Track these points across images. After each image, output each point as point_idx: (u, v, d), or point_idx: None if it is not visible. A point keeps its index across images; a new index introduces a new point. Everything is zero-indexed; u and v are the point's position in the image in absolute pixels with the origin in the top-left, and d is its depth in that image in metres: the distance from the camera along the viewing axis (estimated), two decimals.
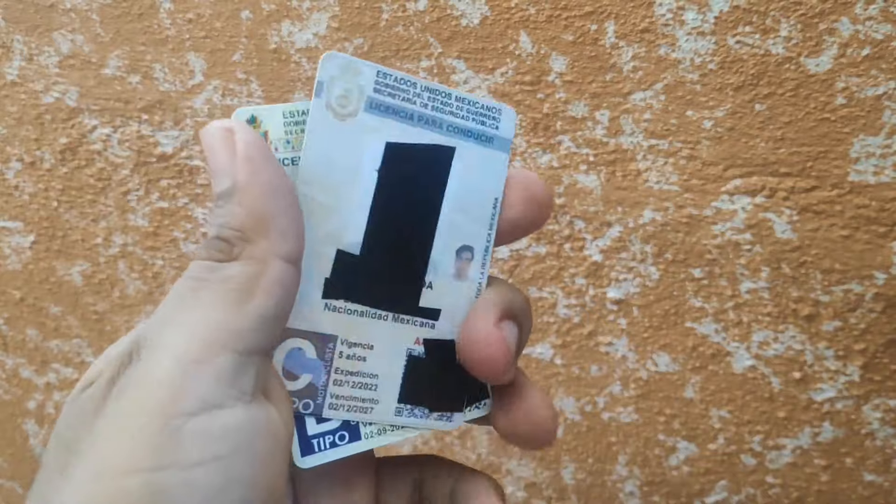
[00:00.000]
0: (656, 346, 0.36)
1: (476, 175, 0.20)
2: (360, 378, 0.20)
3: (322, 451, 0.19)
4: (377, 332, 0.20)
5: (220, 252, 0.18)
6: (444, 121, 0.20)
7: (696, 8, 0.29)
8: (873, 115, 0.29)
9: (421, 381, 0.20)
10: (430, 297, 0.20)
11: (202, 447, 0.15)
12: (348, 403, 0.20)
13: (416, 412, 0.20)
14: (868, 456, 0.35)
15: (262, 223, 0.18)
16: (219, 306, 0.16)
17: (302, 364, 0.19)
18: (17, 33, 0.40)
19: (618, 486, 0.40)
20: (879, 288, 0.32)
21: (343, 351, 0.20)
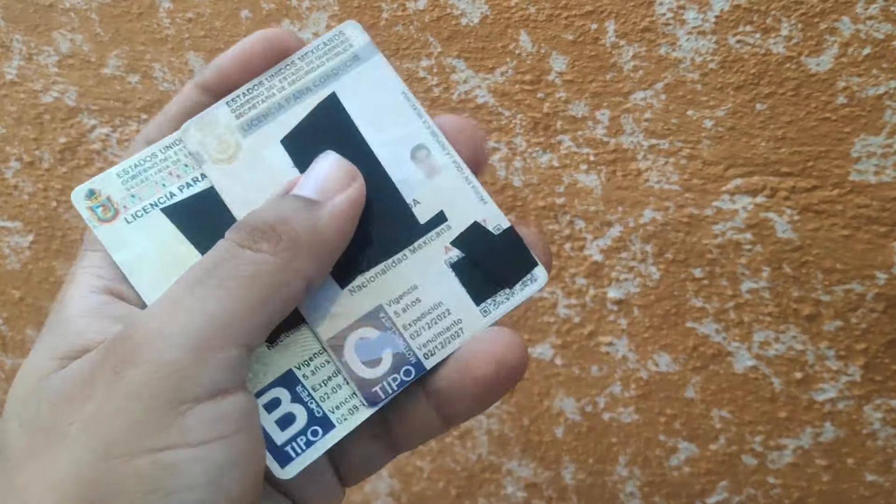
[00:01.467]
0: (657, 347, 0.36)
1: (370, 93, 0.20)
2: (429, 316, 0.20)
3: (300, 454, 0.19)
4: (408, 272, 0.20)
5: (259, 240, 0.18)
6: (305, 83, 0.20)
7: (697, 7, 0.29)
8: (874, 114, 0.29)
9: (481, 275, 0.20)
10: (425, 209, 0.20)
11: (209, 429, 0.16)
12: (438, 340, 0.20)
13: (500, 298, 0.20)
14: (869, 456, 0.35)
15: (320, 244, 0.18)
16: (238, 298, 0.17)
17: (374, 346, 0.19)
18: (16, 33, 0.40)
19: (618, 487, 0.40)
20: (881, 288, 0.32)
21: (396, 310, 0.19)
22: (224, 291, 0.17)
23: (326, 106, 0.20)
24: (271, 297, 0.17)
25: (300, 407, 0.19)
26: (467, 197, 0.20)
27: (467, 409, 0.21)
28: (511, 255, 0.20)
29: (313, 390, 0.19)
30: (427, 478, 0.44)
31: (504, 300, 0.20)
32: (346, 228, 0.19)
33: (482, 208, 0.20)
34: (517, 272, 0.20)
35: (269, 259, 0.17)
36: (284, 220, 0.18)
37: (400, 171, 0.20)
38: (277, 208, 0.18)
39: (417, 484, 0.45)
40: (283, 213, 0.18)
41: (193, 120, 0.20)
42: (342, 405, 0.20)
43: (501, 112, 0.34)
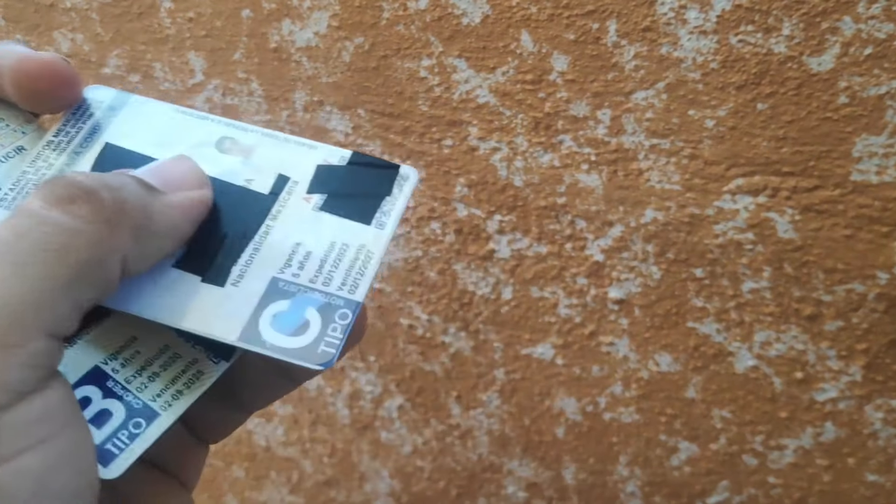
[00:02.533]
0: (658, 346, 0.36)
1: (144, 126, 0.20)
2: (331, 259, 0.19)
3: (124, 449, 0.17)
4: (283, 237, 0.19)
5: (77, 201, 0.15)
6: (73, 149, 0.19)
7: (699, 7, 0.29)
8: (876, 114, 0.29)
9: (354, 201, 0.20)
10: (262, 181, 0.19)
11: (24, 435, 0.14)
12: (352, 273, 0.19)
13: (386, 206, 0.19)
14: (870, 456, 0.35)
15: (149, 230, 0.16)
16: (43, 277, 0.14)
17: (292, 314, 0.18)
18: (17, 32, 0.40)
19: (619, 487, 0.40)
20: (882, 288, 0.31)
21: (293, 272, 0.18)
22: (26, 269, 0.14)
23: (107, 155, 0.19)
24: (84, 276, 0.14)
25: (115, 401, 0.18)
26: (296, 152, 0.20)
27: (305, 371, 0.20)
28: (370, 172, 0.20)
29: (127, 383, 0.18)
30: (427, 478, 0.44)
31: (391, 207, 0.20)
32: (182, 228, 0.17)
33: (316, 153, 0.20)
34: (386, 180, 0.20)
35: (86, 227, 0.14)
36: (112, 188, 0.15)
37: (216, 167, 0.20)
38: (105, 177, 0.16)
39: (418, 484, 0.45)
40: (112, 181, 0.16)
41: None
42: (164, 391, 0.18)
43: (502, 112, 0.34)
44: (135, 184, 0.16)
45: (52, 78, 0.18)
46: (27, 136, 0.20)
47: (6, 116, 0.20)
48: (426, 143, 0.36)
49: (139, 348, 0.19)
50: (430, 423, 0.43)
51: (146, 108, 0.21)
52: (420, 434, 0.43)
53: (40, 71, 0.18)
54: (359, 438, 0.45)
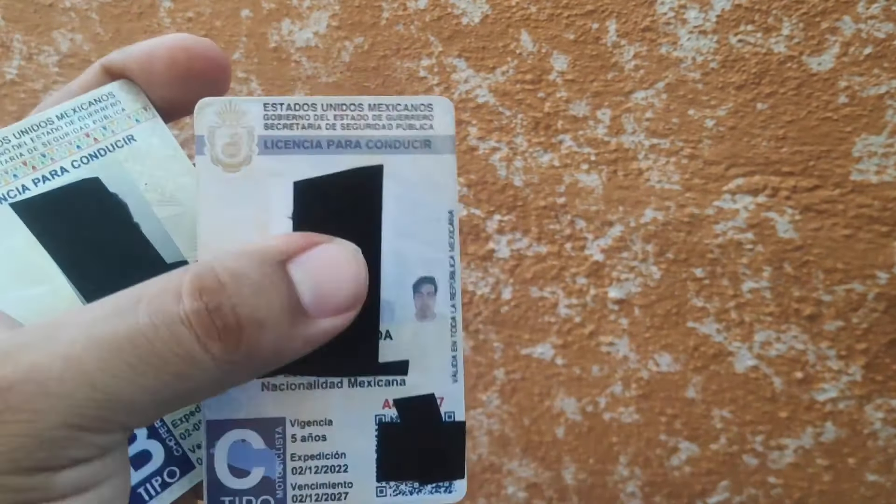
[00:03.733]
0: (658, 346, 0.36)
1: (419, 189, 0.17)
2: (323, 461, 0.17)
3: (154, 497, 0.17)
4: (333, 403, 0.17)
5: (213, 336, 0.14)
6: (361, 137, 0.16)
7: (698, 6, 0.29)
8: (875, 114, 0.29)
9: (401, 451, 0.17)
10: (392, 349, 0.17)
11: (77, 485, 0.14)
12: (315, 493, 0.17)
13: (404, 488, 0.17)
14: (870, 456, 0.35)
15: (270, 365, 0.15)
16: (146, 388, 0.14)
17: (249, 457, 0.16)
18: (16, 32, 0.40)
19: (619, 487, 0.40)
20: (882, 287, 0.31)
21: (296, 433, 0.17)
22: (138, 377, 0.14)
23: (364, 173, 0.17)
24: (184, 397, 0.14)
25: (157, 444, 0.17)
26: (442, 363, 0.17)
27: None
28: (443, 453, 0.17)
29: (173, 426, 0.17)
30: None
31: (406, 493, 0.17)
32: (297, 355, 0.15)
33: (448, 386, 0.17)
34: (438, 473, 0.17)
35: (210, 367, 0.14)
36: (260, 323, 0.14)
37: (392, 290, 0.17)
38: (263, 298, 0.14)
39: None
40: (263, 311, 0.14)
41: (217, 101, 0.17)
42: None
43: (502, 112, 0.34)
44: (287, 314, 0.15)
45: (208, 59, 0.18)
46: (140, 124, 0.18)
47: (123, 100, 0.18)
48: None
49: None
50: None
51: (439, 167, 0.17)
52: None
53: (198, 50, 0.17)
54: None
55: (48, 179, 0.17)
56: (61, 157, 0.17)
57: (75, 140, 0.17)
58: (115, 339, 0.14)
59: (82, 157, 0.17)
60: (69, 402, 0.13)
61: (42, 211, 0.17)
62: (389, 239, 0.17)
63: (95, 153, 0.17)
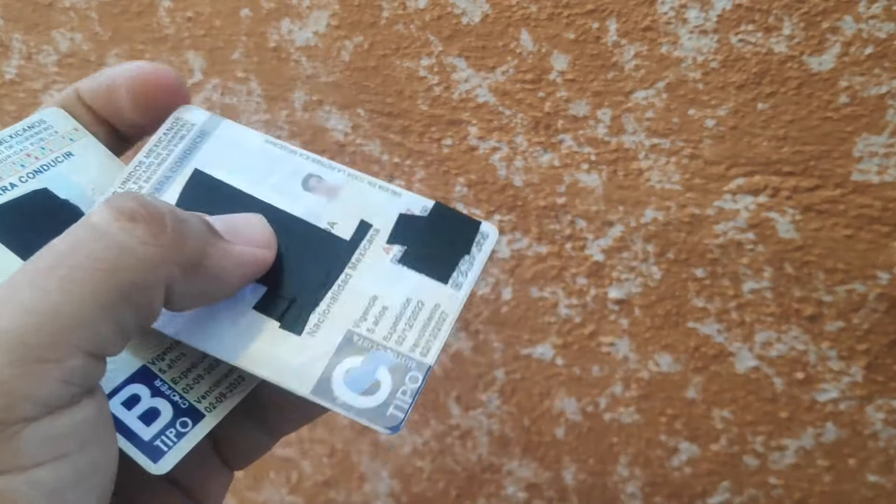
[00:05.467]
0: (658, 347, 0.36)
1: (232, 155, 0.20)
2: (405, 317, 0.18)
3: (171, 447, 0.18)
4: (360, 287, 0.19)
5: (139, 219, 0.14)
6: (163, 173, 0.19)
7: (699, 6, 0.29)
8: (876, 114, 0.29)
9: (433, 256, 0.19)
10: (344, 225, 0.19)
11: (45, 449, 0.13)
12: (426, 333, 0.18)
13: (464, 266, 0.19)
14: (871, 457, 0.35)
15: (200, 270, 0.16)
16: (88, 293, 0.14)
17: (365, 372, 0.17)
18: (15, 32, 0.40)
19: (619, 487, 0.40)
20: (883, 288, 0.31)
21: (368, 327, 0.18)
22: (72, 284, 0.13)
23: (195, 182, 0.19)
24: (128, 299, 0.14)
25: (163, 400, 0.18)
26: (380, 197, 0.20)
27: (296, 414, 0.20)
28: (451, 226, 0.19)
29: (174, 383, 0.18)
30: (427, 478, 0.44)
31: (469, 266, 0.19)
32: (232, 279, 0.17)
33: (400, 200, 0.20)
34: (466, 237, 0.19)
35: (139, 248, 0.14)
36: (177, 217, 0.15)
37: (300, 205, 0.19)
38: (173, 206, 0.16)
39: (418, 485, 0.45)
40: (179, 212, 0.16)
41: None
42: (208, 394, 0.19)
43: (502, 111, 0.33)
44: (200, 222, 0.16)
45: (163, 87, 0.19)
46: (75, 142, 0.20)
47: (55, 123, 0.20)
48: (425, 143, 0.35)
49: (184, 350, 0.19)
50: (430, 423, 0.43)
51: (236, 135, 0.20)
52: (420, 434, 0.43)
53: (153, 80, 0.19)
54: (358, 439, 0.45)
55: (8, 189, 0.18)
56: (7, 175, 0.18)
57: (18, 160, 0.19)
58: (42, 262, 0.14)
59: (28, 173, 0.19)
60: (8, 335, 0.13)
61: (1, 219, 0.18)
62: (256, 189, 0.19)
63: (39, 169, 0.19)
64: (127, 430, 0.17)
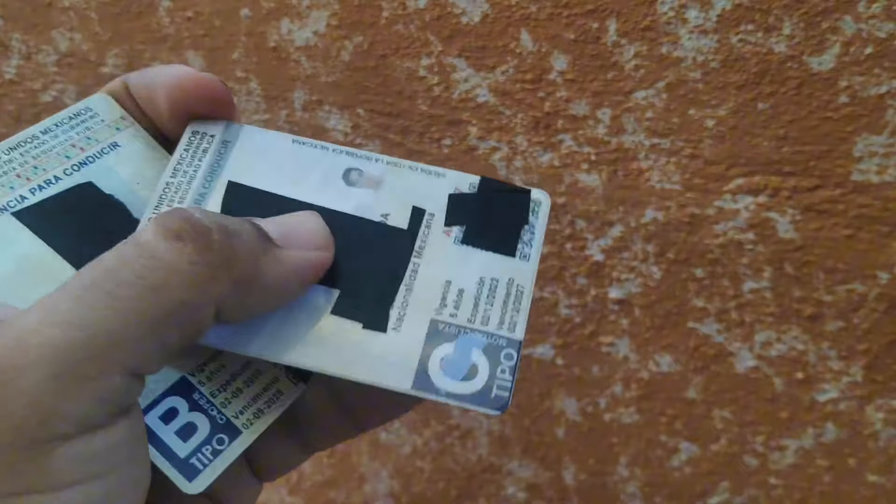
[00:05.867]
0: (658, 347, 0.36)
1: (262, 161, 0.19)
2: (483, 296, 0.18)
3: (207, 465, 0.17)
4: (432, 274, 0.18)
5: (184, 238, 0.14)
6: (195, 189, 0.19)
7: (699, 6, 0.29)
8: (876, 114, 0.29)
9: (494, 232, 0.19)
10: (398, 215, 0.19)
11: (78, 469, 0.13)
12: (508, 310, 0.18)
13: (526, 236, 0.19)
14: (871, 457, 0.35)
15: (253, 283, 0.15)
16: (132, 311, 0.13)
17: (459, 358, 0.17)
18: (14, 31, 0.40)
19: (619, 487, 0.40)
20: (883, 287, 0.31)
21: (451, 312, 0.18)
22: (118, 302, 0.13)
23: (233, 195, 0.19)
24: (173, 318, 0.14)
25: (200, 415, 0.18)
26: (425, 181, 0.19)
27: (379, 415, 0.20)
28: (503, 199, 0.19)
29: (212, 396, 0.18)
30: (427, 478, 0.44)
31: (531, 236, 0.19)
32: (291, 288, 0.16)
33: (446, 180, 0.19)
34: (521, 207, 0.19)
35: (186, 267, 0.14)
36: (226, 231, 0.15)
37: (349, 201, 0.19)
38: (224, 218, 0.15)
39: (418, 485, 0.45)
40: (229, 224, 0.15)
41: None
42: (246, 409, 0.18)
43: (502, 111, 0.33)
44: (253, 232, 0.16)
45: (208, 97, 0.19)
46: (121, 132, 0.19)
47: (101, 111, 0.19)
48: (425, 143, 0.35)
49: (224, 362, 0.18)
50: (430, 423, 0.43)
51: (261, 139, 0.20)
52: (420, 434, 0.43)
53: (198, 88, 0.18)
54: (358, 439, 0.45)
55: (44, 188, 0.18)
56: (52, 167, 0.18)
57: (63, 151, 0.18)
58: (88, 276, 0.13)
59: (73, 165, 0.18)
60: (50, 349, 0.12)
61: (45, 215, 0.17)
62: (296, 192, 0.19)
63: (84, 161, 0.18)
64: (163, 446, 0.17)
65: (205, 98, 0.19)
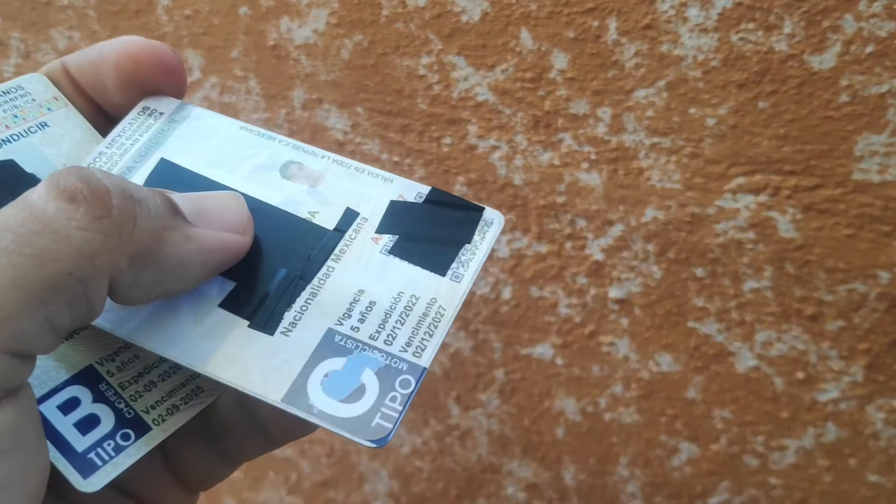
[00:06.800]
0: (658, 346, 0.36)
1: (203, 143, 0.18)
2: (396, 313, 0.16)
3: (108, 461, 0.15)
4: (344, 280, 0.17)
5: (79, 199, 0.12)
6: (126, 163, 0.18)
7: (700, 5, 0.29)
8: (877, 113, 0.29)
9: (428, 246, 0.17)
10: (327, 214, 0.17)
11: None
12: (421, 331, 0.16)
13: (465, 256, 0.17)
14: (872, 456, 0.34)
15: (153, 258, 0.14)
16: (12, 282, 0.12)
17: (347, 375, 0.15)
18: (14, 30, 0.40)
19: (619, 487, 0.40)
20: (883, 287, 0.31)
21: (352, 325, 0.16)
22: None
23: (161, 172, 0.18)
24: (60, 292, 0.12)
25: (105, 407, 0.16)
26: (369, 184, 0.18)
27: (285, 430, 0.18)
28: (450, 213, 0.17)
29: (121, 388, 0.16)
30: (427, 478, 0.44)
31: (470, 256, 0.17)
32: (195, 270, 0.15)
33: (392, 187, 0.18)
34: (467, 224, 0.17)
35: (76, 233, 0.12)
36: (129, 197, 0.13)
37: (277, 194, 0.18)
38: (128, 183, 0.14)
39: (417, 485, 0.45)
40: (133, 190, 0.13)
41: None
42: (159, 404, 0.16)
43: (502, 110, 0.33)
44: (161, 203, 0.14)
45: (155, 64, 0.18)
46: (53, 112, 0.18)
47: (33, 90, 0.18)
48: (425, 142, 0.35)
49: (139, 353, 0.17)
50: (430, 423, 0.42)
51: (209, 122, 0.19)
52: (419, 434, 0.43)
53: (145, 55, 0.17)
54: None
55: None
56: None
57: None
58: None
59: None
60: None
61: None
62: (228, 178, 0.18)
63: (8, 138, 0.17)
64: (58, 437, 0.15)
65: (154, 65, 0.18)
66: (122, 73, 0.18)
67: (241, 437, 0.19)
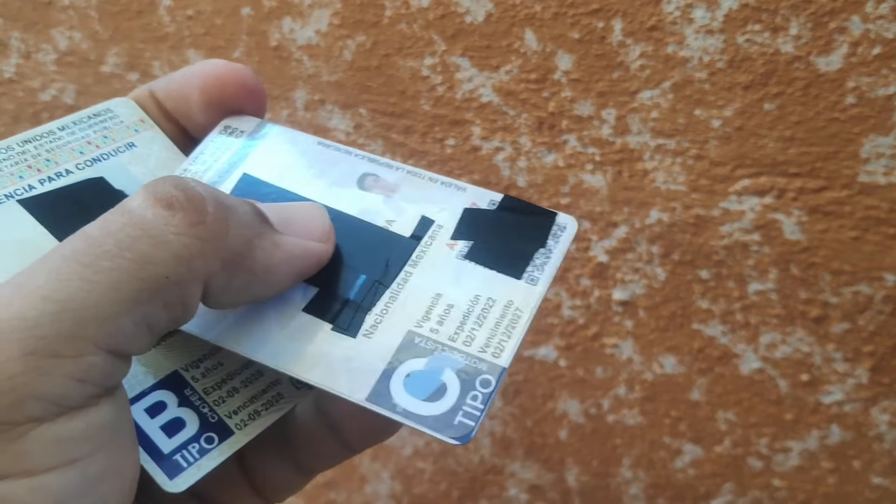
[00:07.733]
0: (662, 348, 0.36)
1: (283, 159, 0.19)
2: (474, 315, 0.17)
3: (192, 463, 0.16)
4: (422, 285, 0.17)
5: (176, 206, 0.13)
6: (211, 178, 0.19)
7: (705, 6, 0.29)
8: (884, 115, 0.29)
9: (504, 251, 0.17)
10: (404, 223, 0.18)
11: (54, 453, 0.12)
12: (499, 332, 0.16)
13: (539, 259, 0.17)
14: (876, 459, 0.34)
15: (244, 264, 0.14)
16: (112, 285, 0.12)
17: (428, 375, 0.16)
18: (14, 30, 0.40)
19: (622, 489, 0.40)
20: (889, 289, 0.31)
21: (431, 327, 0.16)
22: (96, 274, 0.12)
23: (243, 186, 0.19)
24: (157, 294, 0.13)
25: (190, 411, 0.17)
26: (443, 193, 0.19)
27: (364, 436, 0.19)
28: (523, 219, 0.18)
29: (205, 394, 0.17)
30: (429, 479, 0.44)
31: (545, 260, 0.17)
32: (281, 276, 0.16)
33: (465, 195, 0.19)
34: (540, 229, 0.18)
35: (174, 238, 0.13)
36: (221, 205, 0.14)
37: (355, 204, 0.18)
38: (220, 192, 0.14)
39: (419, 486, 0.44)
40: (225, 199, 0.14)
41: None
42: (241, 409, 0.17)
43: (506, 111, 0.33)
44: (250, 211, 0.15)
45: (239, 86, 0.19)
46: (140, 133, 0.19)
47: (121, 113, 0.20)
48: (428, 143, 0.35)
49: (222, 359, 0.18)
50: None
51: (287, 138, 0.20)
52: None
53: (229, 76, 0.19)
54: None
55: (53, 180, 0.18)
56: (65, 161, 0.18)
57: (77, 147, 0.18)
58: (69, 247, 0.13)
59: (86, 160, 0.18)
60: (22, 323, 0.11)
61: (50, 205, 0.17)
62: (308, 190, 0.19)
63: (98, 157, 0.19)
64: (146, 439, 0.16)
65: (238, 87, 0.19)
66: (206, 95, 0.19)
67: (317, 445, 0.19)
